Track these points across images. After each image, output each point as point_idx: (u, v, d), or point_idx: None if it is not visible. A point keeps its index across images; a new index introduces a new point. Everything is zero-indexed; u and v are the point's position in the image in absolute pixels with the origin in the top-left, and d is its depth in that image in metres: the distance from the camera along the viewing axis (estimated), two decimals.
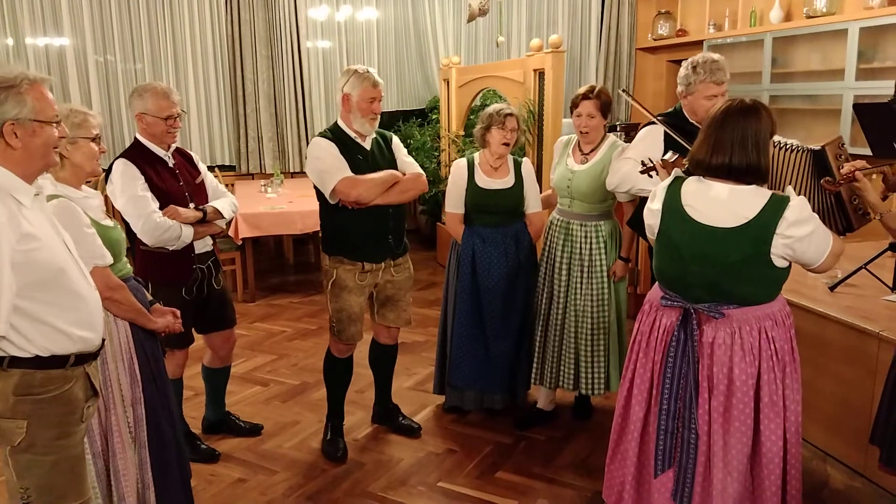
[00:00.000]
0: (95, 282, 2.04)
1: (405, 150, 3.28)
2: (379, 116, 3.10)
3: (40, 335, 1.79)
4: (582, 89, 3.29)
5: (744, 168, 2.08)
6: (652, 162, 2.61)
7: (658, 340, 2.28)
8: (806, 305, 3.18)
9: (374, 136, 3.15)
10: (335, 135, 3.07)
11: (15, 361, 1.79)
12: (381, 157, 3.13)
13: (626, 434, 2.40)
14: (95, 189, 2.50)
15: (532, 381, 3.53)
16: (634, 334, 2.39)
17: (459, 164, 3.46)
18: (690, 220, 2.15)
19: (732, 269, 2.10)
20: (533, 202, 3.44)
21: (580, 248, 3.34)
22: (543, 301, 3.45)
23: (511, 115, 3.30)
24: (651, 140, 2.98)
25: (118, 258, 2.35)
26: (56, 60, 6.56)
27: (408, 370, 4.25)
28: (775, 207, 2.05)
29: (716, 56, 2.89)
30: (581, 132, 3.30)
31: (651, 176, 2.67)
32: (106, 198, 3.34)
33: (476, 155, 3.46)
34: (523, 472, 3.14)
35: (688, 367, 2.18)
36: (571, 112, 3.33)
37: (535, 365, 3.49)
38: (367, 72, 3.03)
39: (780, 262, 2.09)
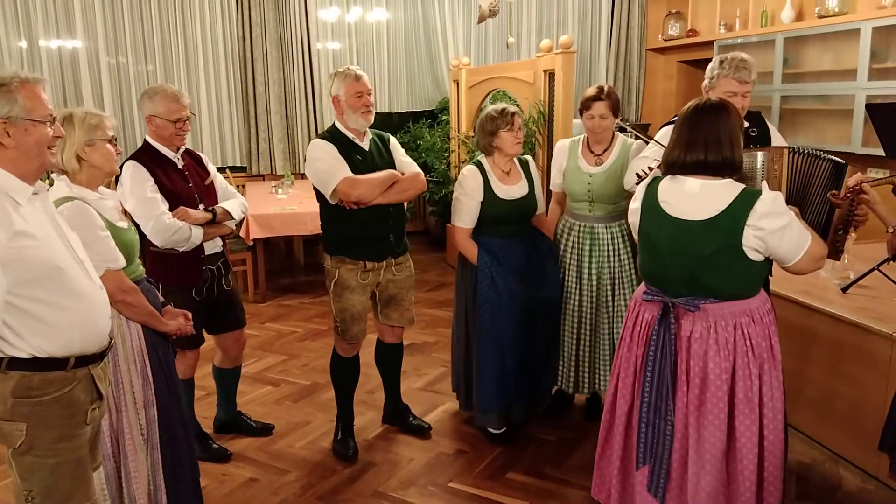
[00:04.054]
0: (107, 285, 2.05)
1: (403, 150, 3.28)
2: (373, 110, 3.09)
3: (35, 334, 1.79)
4: (591, 91, 3.26)
5: (719, 163, 2.14)
6: (647, 173, 2.59)
7: (640, 335, 2.33)
8: (818, 307, 3.17)
9: (372, 136, 3.17)
10: (333, 136, 3.09)
11: (13, 363, 1.79)
12: (380, 157, 3.14)
13: (613, 430, 2.44)
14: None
15: (567, 391, 3.49)
16: (622, 331, 2.44)
17: (474, 175, 3.20)
18: (666, 215, 2.21)
19: (707, 262, 2.13)
20: (541, 203, 3.41)
21: (608, 251, 3.32)
22: (573, 308, 3.38)
23: (515, 112, 3.22)
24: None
25: (131, 260, 2.36)
26: (69, 62, 6.61)
27: (417, 371, 4.25)
28: (746, 199, 2.10)
29: (746, 56, 2.85)
30: (594, 133, 3.29)
31: None
32: None
33: (482, 162, 3.26)
34: (533, 472, 3.14)
35: (664, 359, 2.21)
36: (581, 114, 3.31)
37: (570, 375, 3.44)
38: (348, 69, 3.08)
39: (753, 255, 2.12)
